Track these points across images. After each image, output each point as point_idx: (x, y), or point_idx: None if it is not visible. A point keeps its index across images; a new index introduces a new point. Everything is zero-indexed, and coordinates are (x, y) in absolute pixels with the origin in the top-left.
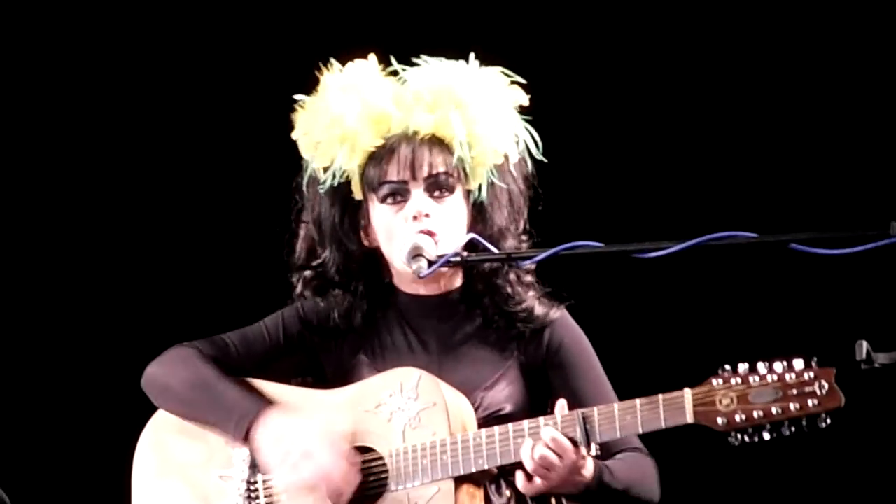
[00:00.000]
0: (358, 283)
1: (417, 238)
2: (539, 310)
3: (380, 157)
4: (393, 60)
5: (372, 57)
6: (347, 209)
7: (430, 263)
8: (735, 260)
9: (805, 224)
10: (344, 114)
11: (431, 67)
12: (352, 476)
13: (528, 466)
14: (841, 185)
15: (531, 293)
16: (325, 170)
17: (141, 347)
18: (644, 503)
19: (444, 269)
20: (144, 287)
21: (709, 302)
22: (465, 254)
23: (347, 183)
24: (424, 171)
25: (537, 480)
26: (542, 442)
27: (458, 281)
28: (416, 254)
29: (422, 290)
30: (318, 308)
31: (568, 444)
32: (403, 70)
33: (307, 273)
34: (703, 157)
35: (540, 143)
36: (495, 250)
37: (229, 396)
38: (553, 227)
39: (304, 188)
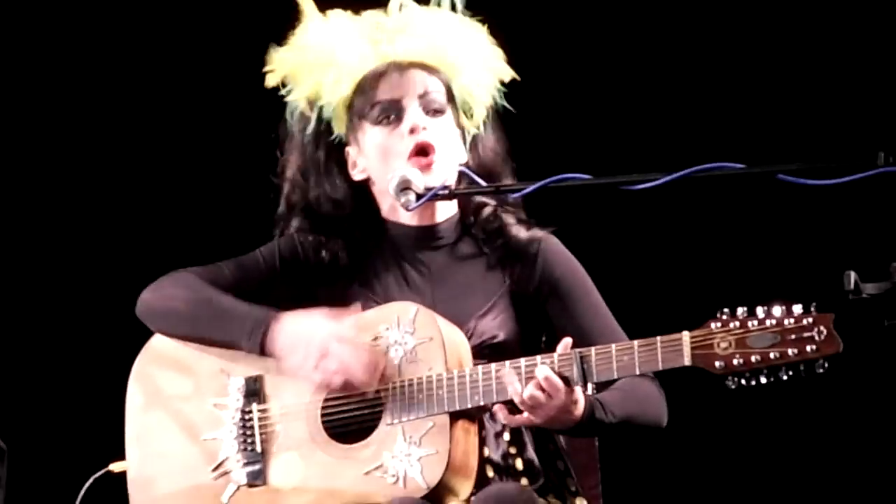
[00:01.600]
0: (349, 221)
1: (405, 170)
2: (523, 234)
3: (367, 83)
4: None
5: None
6: (331, 150)
7: (419, 197)
8: (723, 191)
9: (792, 155)
10: (327, 45)
11: (407, 7)
12: (375, 356)
13: (516, 401)
14: (828, 116)
15: (514, 221)
16: (309, 105)
17: (130, 282)
18: (650, 429)
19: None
20: (134, 223)
21: (699, 235)
22: (452, 186)
23: (328, 126)
24: (419, 89)
25: (524, 414)
26: (534, 381)
27: (451, 210)
28: (404, 186)
29: (414, 219)
30: (313, 238)
31: (560, 383)
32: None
33: (295, 221)
34: (691, 88)
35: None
36: (483, 183)
37: (237, 309)
38: (542, 162)
39: (286, 138)
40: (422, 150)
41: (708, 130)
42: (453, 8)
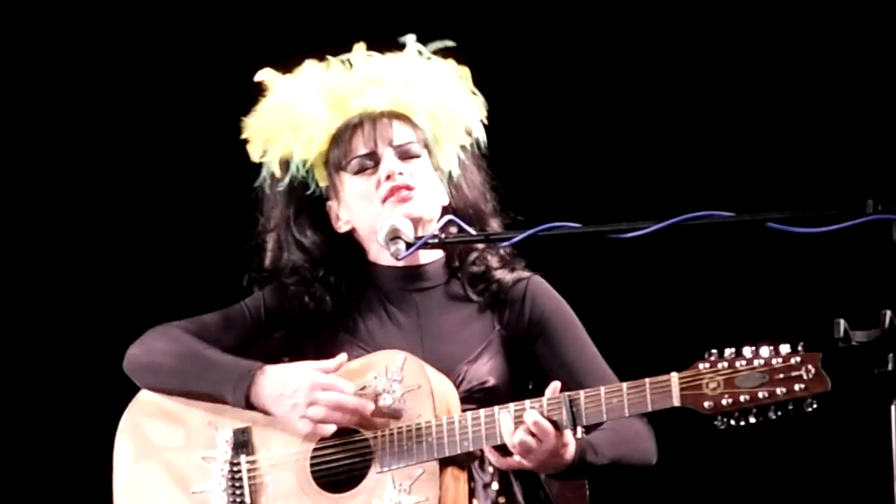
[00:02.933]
0: (327, 271)
1: (393, 219)
2: (508, 277)
3: (342, 136)
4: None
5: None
6: (301, 205)
7: (408, 245)
8: (713, 240)
9: (781, 204)
10: (295, 101)
11: (379, 56)
12: (362, 403)
13: (508, 445)
14: (817, 165)
15: (499, 264)
16: (284, 165)
17: (119, 335)
18: (640, 468)
19: None
20: (122, 278)
21: (688, 281)
22: (442, 235)
23: (301, 183)
24: (392, 138)
25: (515, 458)
26: (523, 425)
27: (439, 252)
28: (393, 235)
29: (401, 262)
30: (298, 288)
31: (550, 428)
32: (345, 61)
33: (274, 277)
34: (680, 136)
35: (486, 124)
36: (473, 231)
37: (222, 362)
38: (532, 209)
39: (262, 198)
40: (396, 190)
41: (697, 178)
42: (421, 53)
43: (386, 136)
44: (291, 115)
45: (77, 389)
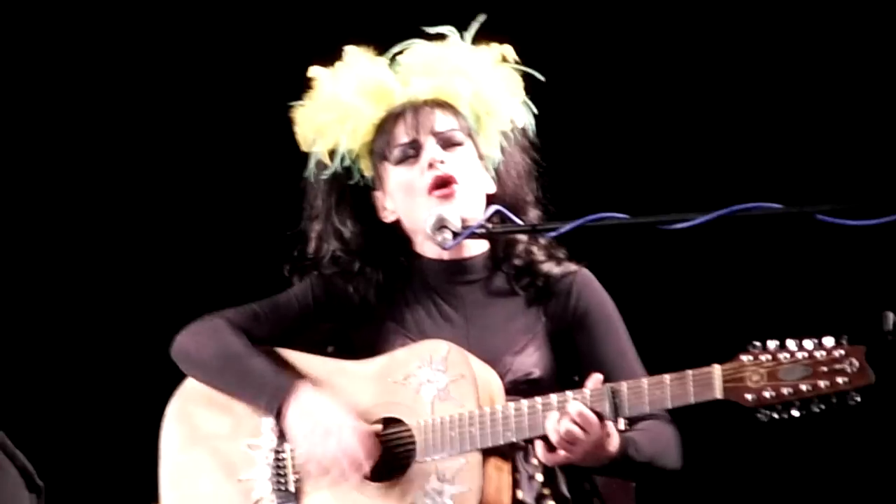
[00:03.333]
0: (376, 263)
1: (441, 209)
2: (556, 270)
3: (385, 125)
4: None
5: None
6: (343, 194)
7: (455, 235)
8: (761, 231)
9: (829, 196)
10: (341, 93)
11: (423, 45)
12: (373, 451)
13: (553, 439)
14: (866, 156)
15: (545, 257)
16: (331, 155)
17: (170, 319)
18: (666, 472)
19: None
20: (174, 264)
21: (735, 274)
22: (489, 225)
23: (345, 172)
24: (434, 126)
25: (560, 452)
26: (568, 416)
27: (483, 245)
28: (440, 225)
29: (446, 254)
30: (342, 280)
31: (594, 418)
32: (391, 53)
33: (318, 266)
34: (726, 128)
35: (535, 112)
36: (519, 221)
37: (260, 372)
38: (577, 199)
39: (308, 186)
40: (441, 183)
41: (746, 169)
42: (463, 39)
43: (427, 124)
44: (337, 106)
45: (126, 375)
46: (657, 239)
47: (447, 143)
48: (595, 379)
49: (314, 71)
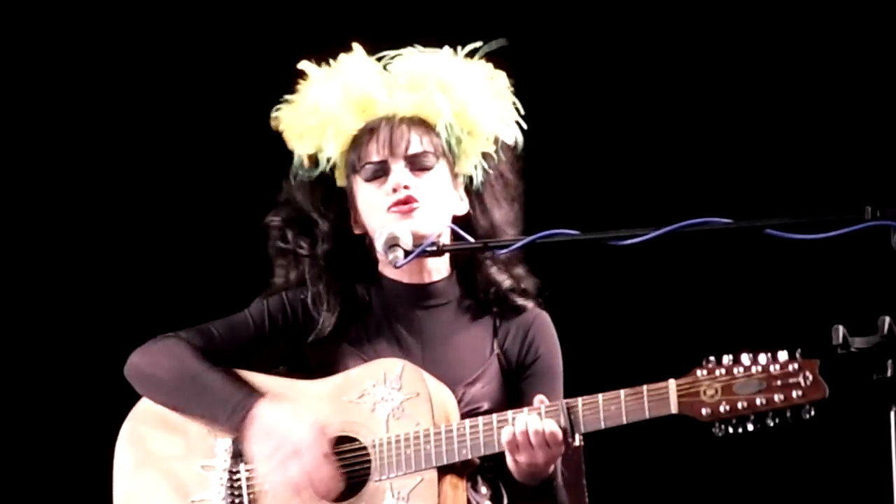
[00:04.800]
0: (342, 272)
1: (393, 227)
2: (520, 303)
3: (361, 139)
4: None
5: (356, 46)
6: (329, 198)
7: (407, 253)
8: (711, 246)
9: (779, 210)
10: (325, 101)
11: (415, 54)
12: (335, 474)
13: (505, 440)
14: (814, 170)
15: (508, 279)
16: (312, 159)
17: (123, 338)
18: None
19: (427, 258)
20: (126, 278)
21: (686, 288)
22: (440, 243)
23: (330, 172)
24: (403, 149)
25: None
26: (535, 428)
27: (445, 270)
28: (392, 244)
29: (406, 277)
30: (302, 297)
31: (560, 434)
32: (386, 57)
33: (291, 271)
34: (678, 144)
35: (524, 127)
36: (471, 239)
37: (219, 388)
38: (530, 217)
39: (289, 182)
40: (401, 202)
41: (695, 185)
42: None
43: (400, 147)
44: (321, 113)
45: (78, 396)
46: (609, 254)
47: (417, 166)
48: (539, 398)
49: (304, 66)
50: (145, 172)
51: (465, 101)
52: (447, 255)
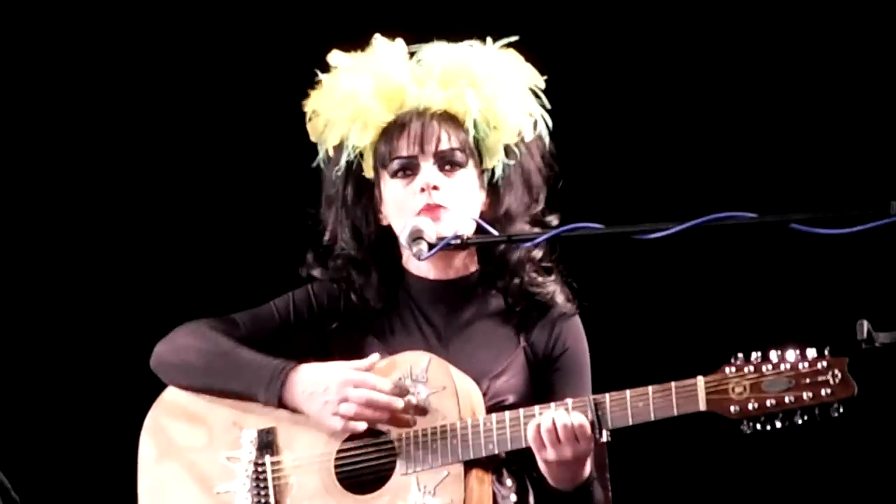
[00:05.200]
0: (371, 264)
1: (417, 220)
2: (560, 297)
3: (391, 132)
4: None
5: (382, 38)
6: (362, 189)
7: (431, 246)
8: (737, 241)
9: (805, 204)
10: (356, 90)
11: (447, 47)
12: (393, 400)
13: (530, 436)
14: (841, 165)
15: (551, 277)
16: (337, 149)
17: (145, 331)
18: None
19: (454, 252)
20: (150, 273)
21: (712, 283)
22: (464, 236)
23: (359, 165)
24: (433, 147)
25: (549, 455)
26: (562, 423)
27: (472, 266)
28: (416, 236)
29: (432, 273)
30: (329, 289)
31: (588, 429)
32: (419, 49)
33: (321, 262)
34: (703, 138)
35: (550, 123)
36: (495, 232)
37: (253, 360)
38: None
39: (323, 173)
40: (430, 209)
41: (720, 180)
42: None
43: (431, 143)
44: (350, 104)
45: (103, 388)
46: (634, 249)
47: (446, 163)
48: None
49: (334, 57)
50: (174, 168)
51: (493, 96)
52: (473, 251)
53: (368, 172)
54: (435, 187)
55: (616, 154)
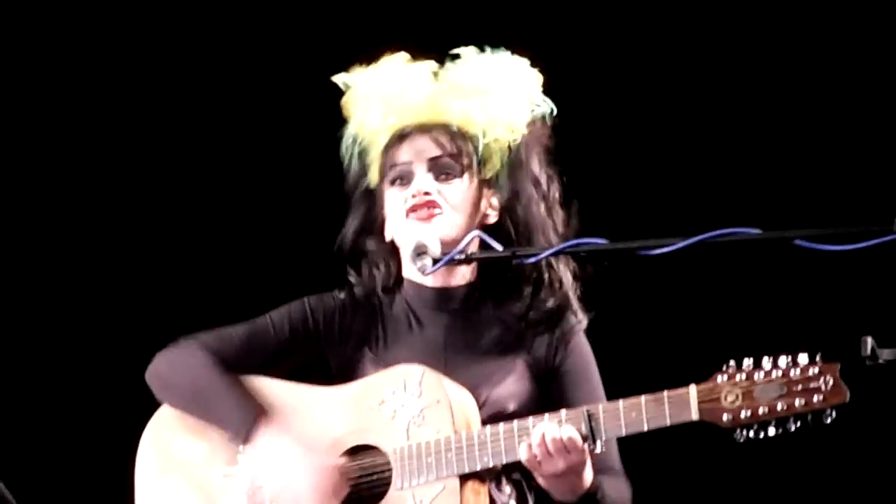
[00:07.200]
0: (375, 274)
1: (421, 235)
2: (574, 306)
3: (391, 143)
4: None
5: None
6: (375, 202)
7: (435, 261)
8: (739, 256)
9: (808, 221)
10: (366, 106)
11: (462, 60)
12: (339, 487)
13: (536, 455)
14: (844, 181)
15: (554, 287)
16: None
17: (145, 341)
18: None
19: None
20: (150, 280)
21: (713, 298)
22: (469, 250)
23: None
24: (433, 153)
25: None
26: (551, 437)
27: (469, 275)
28: (420, 251)
29: (430, 281)
30: (324, 302)
31: (579, 440)
32: (439, 65)
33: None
34: (707, 154)
35: (555, 111)
36: (499, 247)
37: (229, 400)
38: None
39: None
40: (420, 206)
41: (724, 195)
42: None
43: (426, 150)
44: (375, 100)
45: (100, 400)
46: (635, 263)
47: (441, 172)
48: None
49: (344, 77)
50: (175, 173)
51: (499, 108)
52: None
53: (374, 182)
54: (426, 193)
55: (620, 168)
